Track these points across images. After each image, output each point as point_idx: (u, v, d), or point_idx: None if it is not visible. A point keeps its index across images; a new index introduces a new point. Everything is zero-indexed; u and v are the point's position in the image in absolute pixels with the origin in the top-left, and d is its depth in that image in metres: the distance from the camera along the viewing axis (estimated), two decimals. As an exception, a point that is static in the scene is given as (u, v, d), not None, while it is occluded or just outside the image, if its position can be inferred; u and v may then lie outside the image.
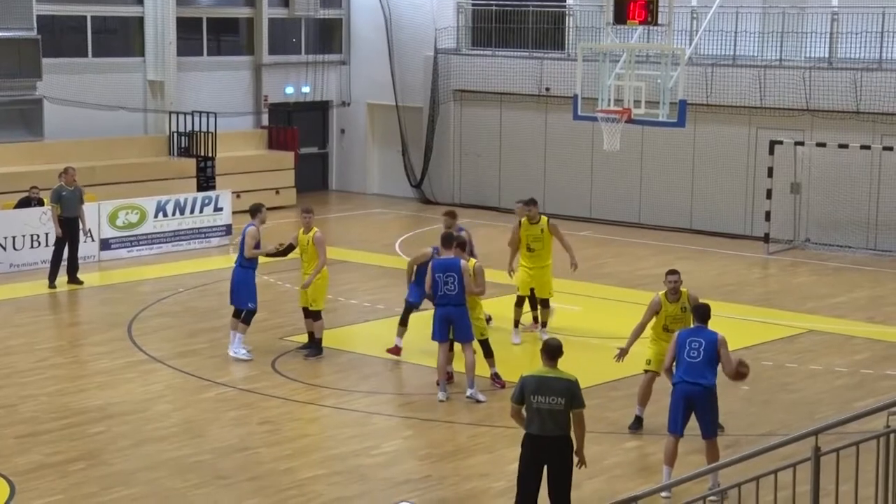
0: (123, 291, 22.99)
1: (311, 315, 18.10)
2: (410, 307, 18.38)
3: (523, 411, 11.39)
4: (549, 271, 19.26)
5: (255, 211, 18.29)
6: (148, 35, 31.39)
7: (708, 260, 25.99)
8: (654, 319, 14.91)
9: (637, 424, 15.20)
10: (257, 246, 17.96)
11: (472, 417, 15.69)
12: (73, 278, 23.00)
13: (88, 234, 24.33)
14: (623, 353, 15.09)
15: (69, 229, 22.86)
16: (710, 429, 13.14)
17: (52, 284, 22.72)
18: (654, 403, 15.22)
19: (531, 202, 19.14)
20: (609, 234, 29.21)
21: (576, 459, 11.47)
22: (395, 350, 18.26)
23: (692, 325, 13.38)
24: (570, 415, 11.26)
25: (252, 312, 18.11)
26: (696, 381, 12.94)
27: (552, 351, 11.43)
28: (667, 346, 13.91)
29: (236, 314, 18.13)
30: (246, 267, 18.01)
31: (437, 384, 16.43)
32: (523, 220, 19.03)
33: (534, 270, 19.10)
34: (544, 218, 19.14)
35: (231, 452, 14.32)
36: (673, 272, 14.87)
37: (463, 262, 16.28)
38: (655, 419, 15.52)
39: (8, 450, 14.32)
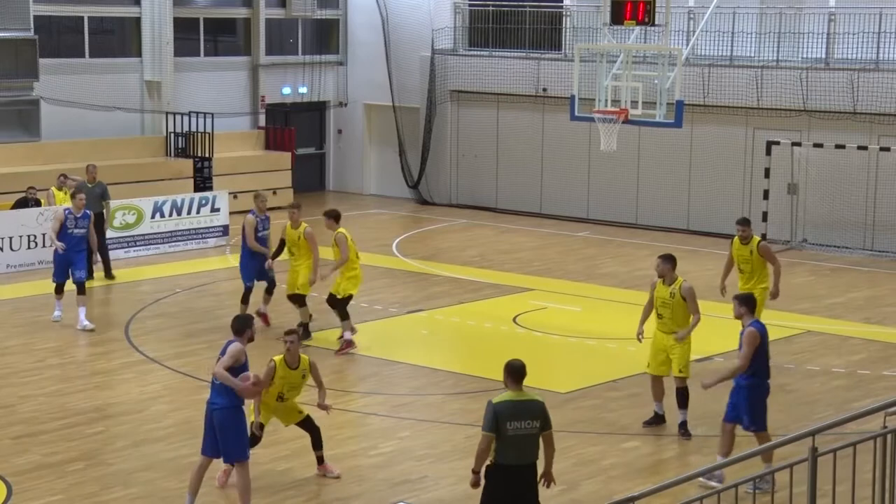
0: (121, 292, 23.02)
1: (297, 299, 18.99)
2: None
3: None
4: (762, 295, 17.25)
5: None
6: (145, 35, 31.39)
7: (705, 260, 25.99)
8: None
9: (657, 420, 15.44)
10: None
11: (468, 418, 15.70)
12: (107, 274, 23.56)
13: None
14: (640, 333, 15.51)
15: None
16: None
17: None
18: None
19: (742, 221, 17.70)
20: (606, 234, 29.23)
21: (543, 481, 10.88)
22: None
23: (754, 318, 13.36)
24: (542, 437, 10.69)
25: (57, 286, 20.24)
26: None
27: (518, 372, 10.69)
28: (660, 340, 14.89)
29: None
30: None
31: None
32: (735, 239, 17.72)
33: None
34: (756, 239, 17.60)
35: (229, 453, 14.30)
36: (659, 256, 15.35)
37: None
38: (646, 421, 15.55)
39: (6, 450, 14.32)
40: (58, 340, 19.48)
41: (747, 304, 13.34)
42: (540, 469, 10.87)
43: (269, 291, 19.97)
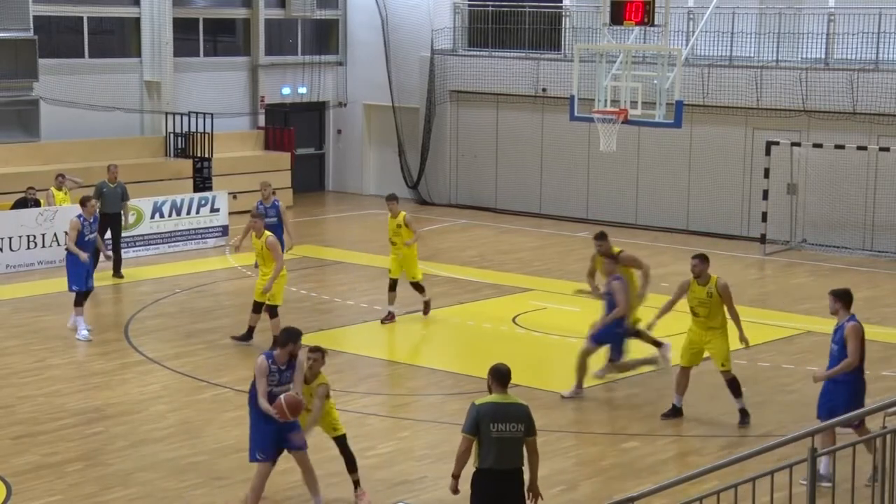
0: (120, 292, 23.01)
1: (269, 311, 18.58)
2: None
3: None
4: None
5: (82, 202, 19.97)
6: (144, 36, 31.39)
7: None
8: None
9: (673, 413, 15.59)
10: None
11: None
12: (116, 272, 23.62)
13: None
14: (651, 326, 15.94)
15: (111, 224, 23.47)
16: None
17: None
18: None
19: (600, 236, 17.19)
20: (606, 234, 29.18)
21: (529, 494, 10.66)
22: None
23: (850, 313, 13.44)
24: (525, 444, 10.54)
25: (78, 294, 19.44)
26: None
27: (504, 376, 10.54)
28: (696, 335, 15.24)
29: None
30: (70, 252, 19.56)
31: None
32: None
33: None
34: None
35: (228, 453, 14.32)
36: (694, 256, 15.60)
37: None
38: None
39: (5, 450, 14.32)
40: (57, 341, 19.46)
41: (843, 299, 13.26)
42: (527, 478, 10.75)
43: None
